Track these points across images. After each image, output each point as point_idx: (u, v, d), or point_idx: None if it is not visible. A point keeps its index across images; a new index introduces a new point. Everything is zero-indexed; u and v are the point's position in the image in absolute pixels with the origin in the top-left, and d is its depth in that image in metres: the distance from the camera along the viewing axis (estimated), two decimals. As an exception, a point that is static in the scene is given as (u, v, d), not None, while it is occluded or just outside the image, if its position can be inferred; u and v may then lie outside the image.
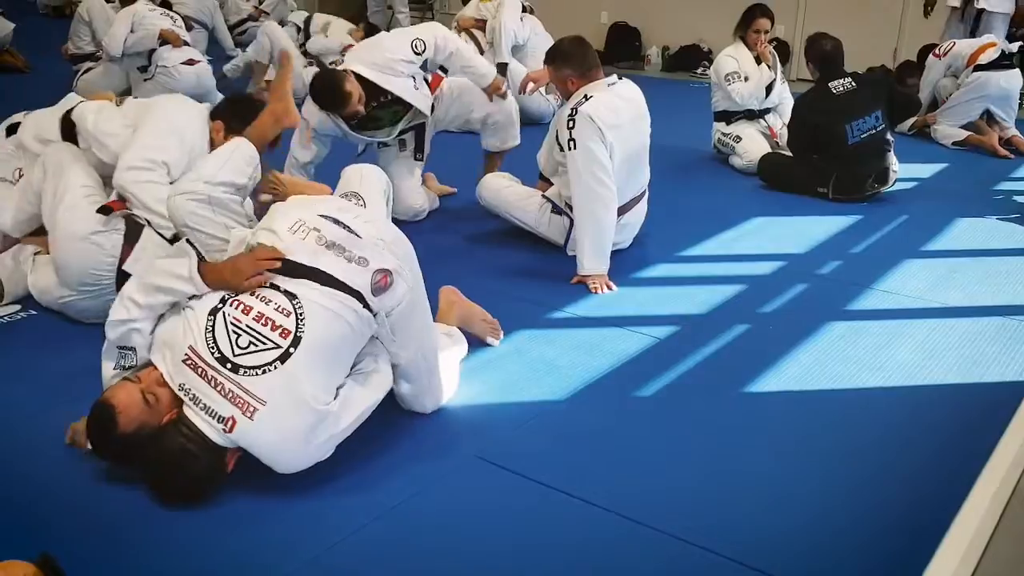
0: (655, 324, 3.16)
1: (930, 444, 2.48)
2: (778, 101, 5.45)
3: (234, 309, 2.14)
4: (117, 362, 2.26)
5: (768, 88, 5.33)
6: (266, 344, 2.08)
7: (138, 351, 2.23)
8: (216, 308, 2.15)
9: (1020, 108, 6.16)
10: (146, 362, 2.24)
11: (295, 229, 2.26)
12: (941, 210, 4.59)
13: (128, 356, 2.24)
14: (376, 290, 2.21)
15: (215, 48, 7.87)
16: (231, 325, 2.11)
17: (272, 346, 2.08)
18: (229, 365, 2.06)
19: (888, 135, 4.74)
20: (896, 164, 4.76)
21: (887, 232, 4.29)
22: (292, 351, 2.07)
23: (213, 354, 2.07)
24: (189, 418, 2.06)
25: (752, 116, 5.38)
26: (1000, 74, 5.90)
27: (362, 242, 2.27)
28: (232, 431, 2.04)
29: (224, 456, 2.09)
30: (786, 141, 5.06)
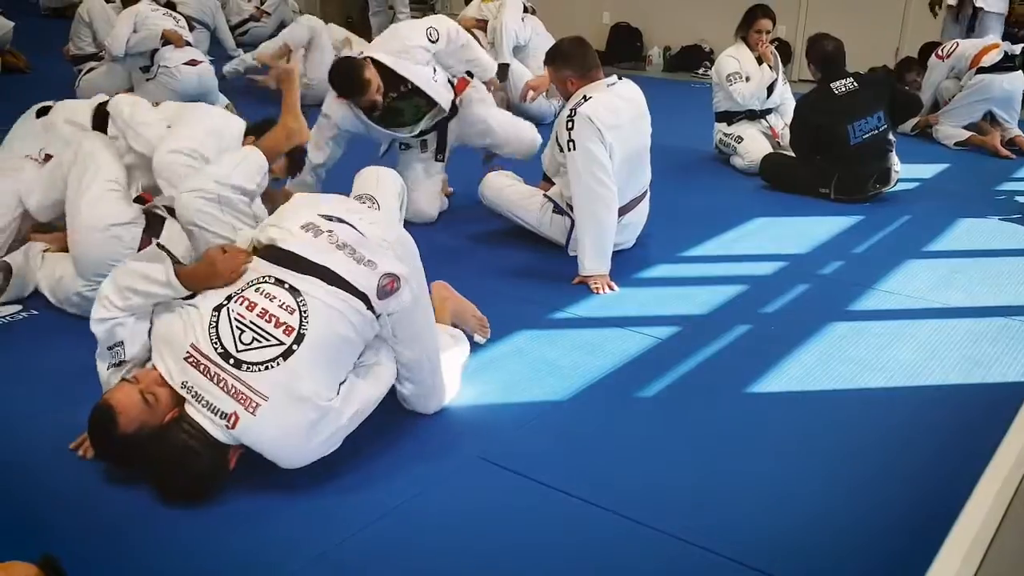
0: (657, 324, 3.16)
1: (932, 444, 2.48)
2: (779, 101, 5.46)
3: (239, 305, 2.14)
4: (109, 361, 2.26)
5: (770, 88, 5.33)
6: (270, 340, 2.08)
7: (126, 343, 2.23)
8: (221, 305, 2.15)
9: (1023, 109, 6.15)
10: (144, 359, 2.24)
11: (307, 228, 2.28)
12: (943, 210, 4.59)
13: (118, 352, 2.24)
14: (382, 293, 2.22)
15: (217, 48, 7.87)
16: (235, 321, 2.11)
17: (276, 342, 2.08)
18: (232, 361, 2.06)
19: (890, 135, 4.73)
20: (898, 164, 4.76)
21: (889, 232, 4.29)
22: (295, 348, 2.08)
23: (216, 350, 2.08)
24: (191, 416, 2.07)
25: (754, 116, 5.38)
26: (1003, 76, 5.90)
27: (368, 242, 2.28)
28: (235, 427, 2.04)
29: (226, 453, 2.09)
30: (788, 141, 5.06)
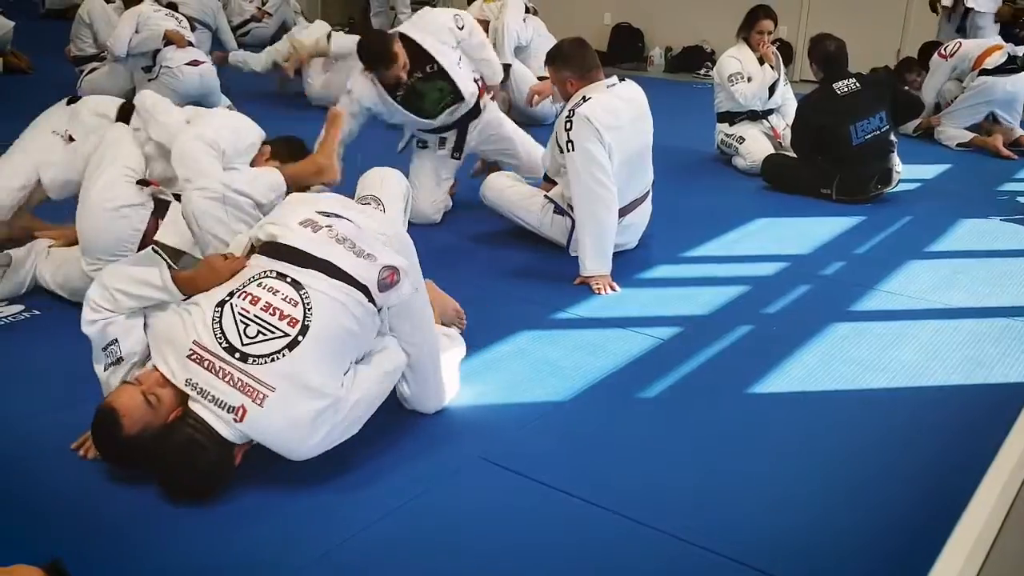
0: (658, 325, 3.16)
1: (934, 445, 2.48)
2: (781, 102, 5.46)
3: (242, 300, 2.15)
4: (106, 361, 2.26)
5: (771, 89, 5.34)
6: (275, 333, 2.09)
7: (120, 340, 2.22)
8: (223, 300, 2.16)
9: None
10: (142, 355, 2.24)
11: (306, 223, 2.30)
12: (945, 211, 4.59)
13: (113, 350, 2.24)
14: (382, 286, 2.23)
15: (218, 49, 7.87)
16: (239, 315, 2.12)
17: (280, 335, 2.09)
18: (238, 355, 2.07)
19: (892, 136, 4.74)
20: (899, 165, 4.76)
21: (891, 233, 4.29)
22: (300, 339, 2.09)
23: (221, 344, 2.08)
24: (196, 412, 2.07)
25: (755, 117, 5.39)
26: (1006, 79, 5.89)
27: (366, 236, 2.31)
28: (243, 420, 2.04)
29: (232, 449, 2.09)
30: (790, 142, 5.06)
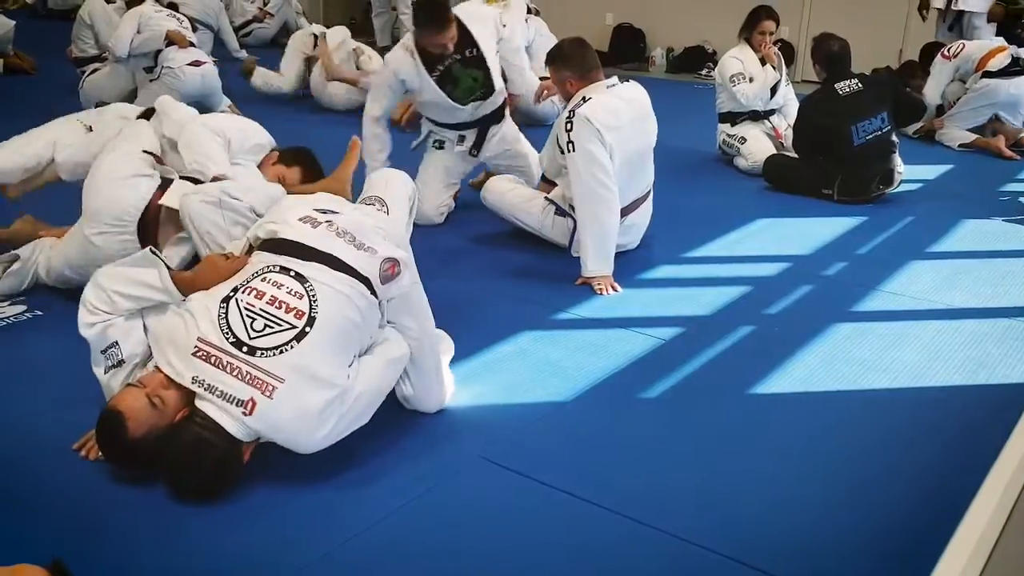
0: (660, 325, 3.16)
1: (936, 445, 2.48)
2: (783, 102, 5.46)
3: (247, 295, 2.16)
4: (106, 364, 2.27)
5: (773, 89, 5.33)
6: (282, 325, 2.10)
7: (121, 342, 2.24)
8: (228, 296, 2.16)
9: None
10: (144, 356, 2.25)
11: (305, 220, 2.32)
12: (947, 212, 4.59)
13: (114, 353, 2.25)
14: (384, 278, 2.25)
15: (220, 49, 7.89)
16: (245, 310, 2.12)
17: (288, 327, 2.10)
18: (245, 348, 2.07)
19: (893, 136, 4.73)
20: (901, 166, 4.75)
21: (892, 233, 4.28)
22: (308, 330, 2.10)
23: (228, 340, 2.08)
24: (203, 410, 2.07)
25: (757, 117, 5.38)
26: (1009, 81, 5.87)
27: (365, 230, 2.33)
28: (252, 413, 2.04)
29: (241, 446, 2.09)
30: (791, 142, 5.06)
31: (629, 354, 2.94)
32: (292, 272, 2.19)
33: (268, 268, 2.22)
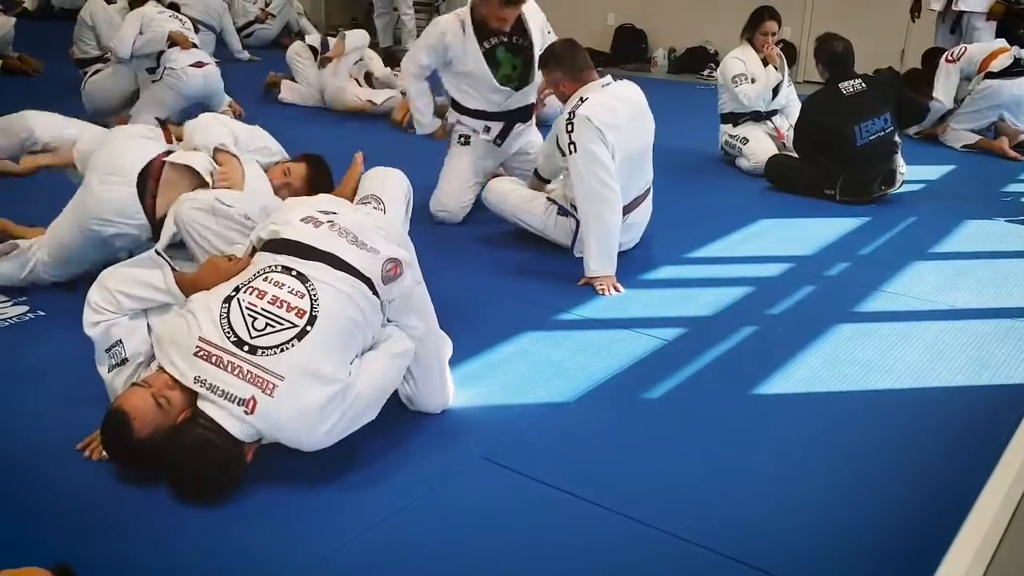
0: (662, 326, 3.15)
1: (939, 445, 2.47)
2: (785, 103, 5.46)
3: (249, 295, 2.16)
4: (110, 363, 2.27)
5: (775, 90, 5.33)
6: (283, 324, 2.10)
7: (124, 341, 2.26)
8: (230, 296, 2.17)
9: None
10: (148, 356, 2.25)
11: (307, 220, 2.32)
12: (949, 212, 4.58)
13: (117, 352, 2.26)
14: (386, 279, 2.25)
15: (222, 50, 7.89)
16: (247, 310, 2.13)
17: (289, 326, 2.10)
18: (246, 347, 2.07)
19: (896, 137, 4.73)
20: (903, 166, 4.75)
21: (895, 234, 4.28)
22: (309, 329, 2.10)
23: (230, 339, 2.09)
24: (205, 412, 2.07)
25: (759, 118, 5.38)
26: (1012, 82, 5.88)
27: (367, 230, 2.33)
28: (253, 411, 2.04)
29: (243, 447, 2.09)
30: (793, 142, 5.06)
31: (631, 355, 2.94)
32: (294, 271, 2.20)
33: (270, 268, 2.22)
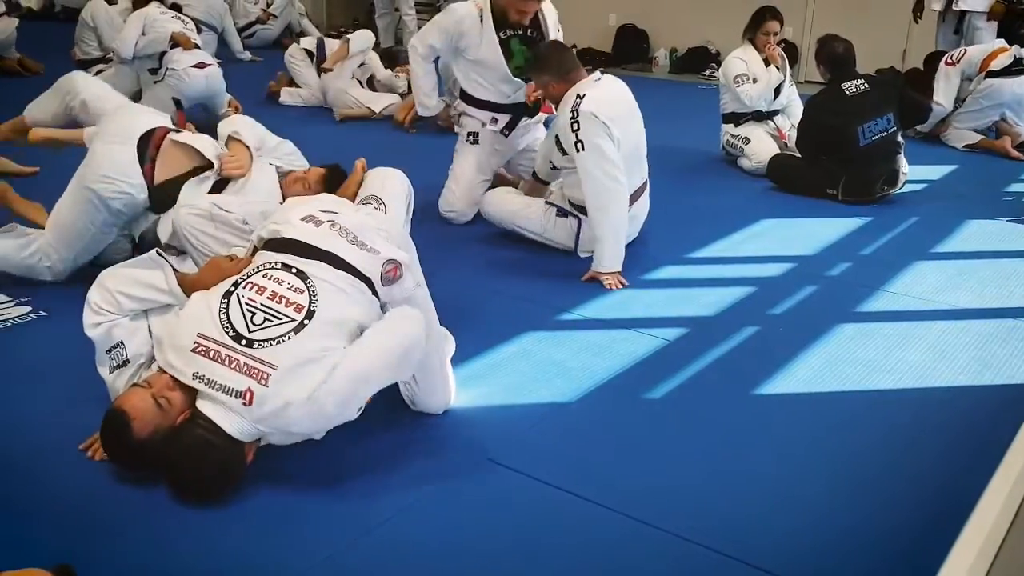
0: (664, 326, 3.15)
1: (940, 445, 2.47)
2: (786, 103, 5.46)
3: (247, 291, 2.17)
4: (111, 364, 2.28)
5: (777, 90, 5.33)
6: (281, 319, 2.11)
7: (126, 342, 2.26)
8: (229, 291, 2.18)
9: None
10: (148, 356, 2.26)
11: (307, 219, 2.33)
12: (951, 212, 4.58)
13: (119, 353, 2.26)
14: (385, 280, 2.26)
15: (224, 51, 7.90)
16: (246, 305, 2.14)
17: (287, 320, 2.11)
18: (244, 341, 2.08)
19: (898, 137, 4.73)
20: (906, 166, 4.75)
21: (897, 234, 4.28)
22: (306, 323, 2.11)
23: (228, 334, 2.09)
24: (204, 412, 2.07)
25: (761, 118, 5.38)
26: (1013, 80, 5.88)
27: (367, 231, 2.33)
28: (251, 402, 2.03)
29: (243, 447, 2.09)
30: (795, 142, 5.06)
31: (633, 355, 2.94)
32: (293, 269, 2.20)
33: (270, 265, 2.23)
